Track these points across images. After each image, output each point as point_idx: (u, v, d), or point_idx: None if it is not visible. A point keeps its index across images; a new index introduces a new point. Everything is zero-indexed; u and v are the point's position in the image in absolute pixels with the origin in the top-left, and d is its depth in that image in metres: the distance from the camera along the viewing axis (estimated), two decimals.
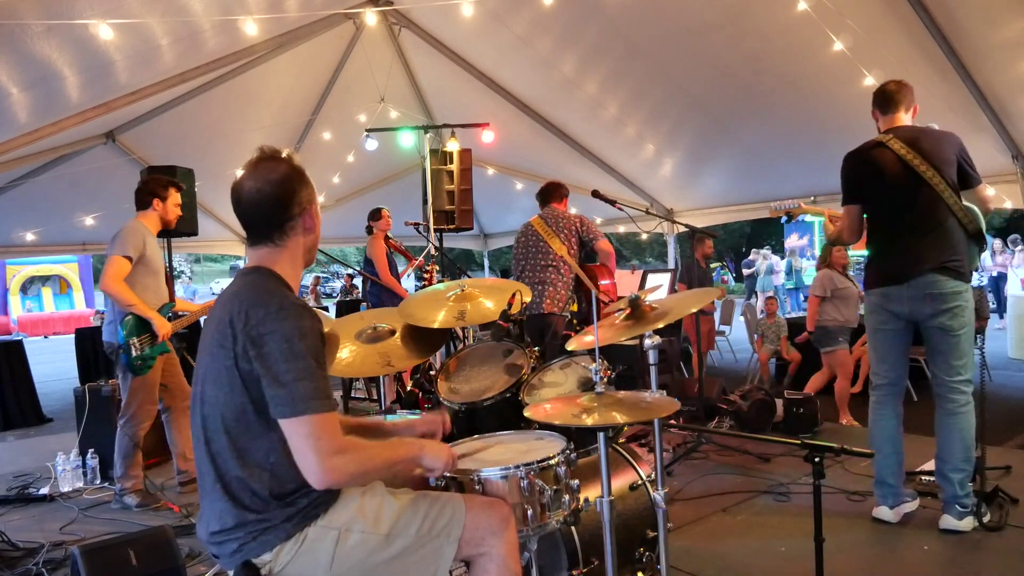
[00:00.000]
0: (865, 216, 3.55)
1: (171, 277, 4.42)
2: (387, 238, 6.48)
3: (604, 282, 4.97)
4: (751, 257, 18.88)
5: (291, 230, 1.81)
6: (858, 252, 16.87)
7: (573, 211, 5.12)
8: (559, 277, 4.84)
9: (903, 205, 3.36)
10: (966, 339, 3.34)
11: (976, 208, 3.39)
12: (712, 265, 7.74)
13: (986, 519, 3.34)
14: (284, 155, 1.83)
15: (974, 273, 3.47)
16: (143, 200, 4.28)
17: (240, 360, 1.64)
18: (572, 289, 4.91)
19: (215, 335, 1.70)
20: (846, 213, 3.56)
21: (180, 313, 4.39)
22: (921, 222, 3.33)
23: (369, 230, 6.55)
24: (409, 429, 2.15)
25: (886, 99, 3.48)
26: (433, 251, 6.55)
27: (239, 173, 1.81)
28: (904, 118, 3.46)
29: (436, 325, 2.83)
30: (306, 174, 1.84)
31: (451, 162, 6.69)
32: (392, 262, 6.43)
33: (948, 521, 3.33)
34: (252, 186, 1.77)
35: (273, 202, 1.77)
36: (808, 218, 19.01)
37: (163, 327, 4.15)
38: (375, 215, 6.55)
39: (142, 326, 4.11)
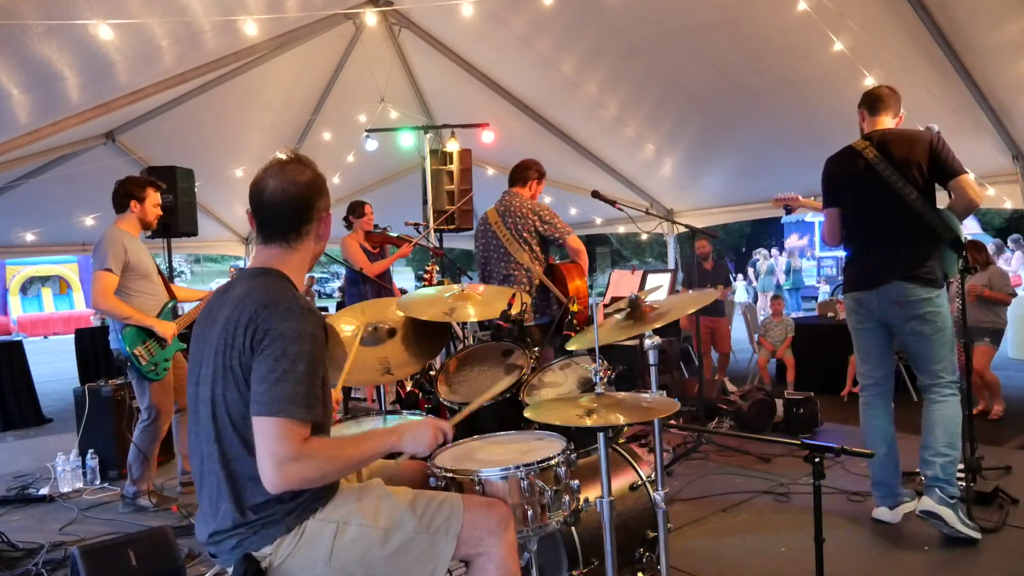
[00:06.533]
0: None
1: (162, 273, 4.30)
2: (368, 234, 5.85)
3: (576, 283, 4.36)
4: (755, 257, 18.80)
5: (306, 234, 1.85)
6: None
7: (530, 201, 4.45)
8: (523, 287, 4.31)
9: (872, 212, 3.43)
10: (941, 342, 3.35)
11: (953, 214, 3.32)
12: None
13: (974, 533, 3.21)
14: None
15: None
16: (120, 203, 4.11)
17: (242, 357, 1.66)
18: (539, 294, 4.39)
19: (225, 335, 1.70)
20: (826, 216, 3.65)
21: (181, 308, 4.33)
22: (890, 229, 3.38)
23: (349, 225, 5.89)
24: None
25: (874, 101, 3.52)
26: (433, 251, 6.53)
27: (259, 171, 1.84)
28: (888, 122, 3.50)
29: (427, 318, 2.83)
30: (326, 184, 1.89)
31: (451, 162, 6.68)
32: (375, 257, 5.82)
33: (926, 503, 3.25)
34: (277, 185, 1.79)
35: (296, 204, 1.81)
36: (810, 217, 19.01)
37: (166, 330, 4.05)
38: (358, 210, 5.84)
39: (145, 333, 4.02)
